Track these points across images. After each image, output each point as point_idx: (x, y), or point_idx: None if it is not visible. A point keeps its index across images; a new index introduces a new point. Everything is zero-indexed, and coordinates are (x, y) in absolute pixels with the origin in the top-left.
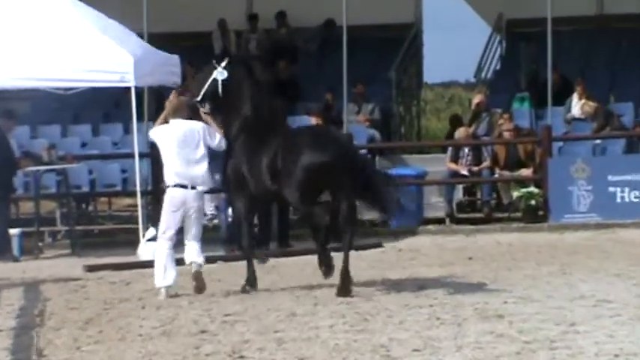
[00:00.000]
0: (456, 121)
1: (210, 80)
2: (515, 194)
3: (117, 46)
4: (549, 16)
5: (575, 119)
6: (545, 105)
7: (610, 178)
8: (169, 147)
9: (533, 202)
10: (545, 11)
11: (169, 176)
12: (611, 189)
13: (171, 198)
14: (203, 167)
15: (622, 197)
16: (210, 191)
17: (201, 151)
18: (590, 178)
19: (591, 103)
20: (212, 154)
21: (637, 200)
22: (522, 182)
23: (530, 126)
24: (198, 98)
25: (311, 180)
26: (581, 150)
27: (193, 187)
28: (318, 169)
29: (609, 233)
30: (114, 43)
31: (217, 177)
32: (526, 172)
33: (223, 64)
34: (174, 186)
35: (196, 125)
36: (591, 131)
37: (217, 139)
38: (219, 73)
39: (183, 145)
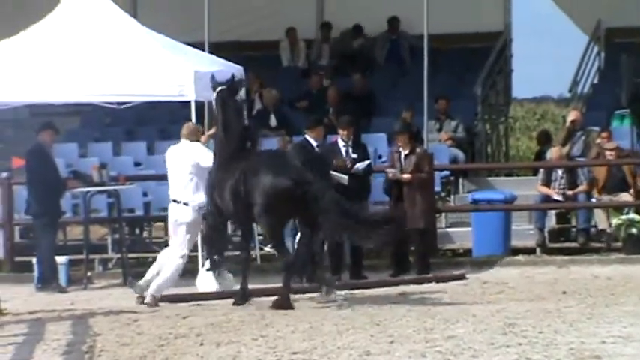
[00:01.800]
0: (544, 138)
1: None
2: (615, 222)
3: (175, 56)
4: None
5: None
6: None
7: None
8: (169, 166)
9: (634, 230)
10: None
11: (171, 192)
12: None
13: (170, 212)
14: (191, 185)
15: None
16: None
17: (189, 170)
18: None
19: None
20: None
21: None
22: (622, 208)
23: (632, 146)
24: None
25: (275, 206)
26: None
27: (186, 204)
28: (279, 195)
29: None
30: (172, 53)
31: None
32: (626, 196)
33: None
34: (172, 201)
35: (190, 147)
36: None
37: (205, 159)
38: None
39: (178, 165)
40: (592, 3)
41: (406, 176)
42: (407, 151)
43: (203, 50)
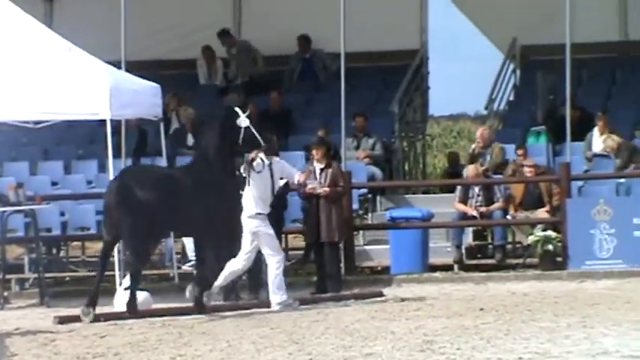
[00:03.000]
0: (454, 159)
1: None
2: (531, 238)
3: (91, 75)
4: (568, 42)
5: (596, 156)
6: (564, 140)
7: (635, 220)
8: None
9: (550, 247)
10: (564, 37)
11: None
12: (637, 233)
13: None
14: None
15: None
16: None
17: None
18: (614, 221)
19: (615, 137)
20: None
21: None
22: (539, 224)
23: (548, 163)
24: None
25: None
26: (603, 190)
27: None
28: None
29: (634, 282)
30: (88, 71)
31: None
32: (542, 213)
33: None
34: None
35: None
36: (614, 169)
37: None
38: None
39: None
40: (507, 21)
41: (324, 189)
42: (322, 165)
43: (120, 69)
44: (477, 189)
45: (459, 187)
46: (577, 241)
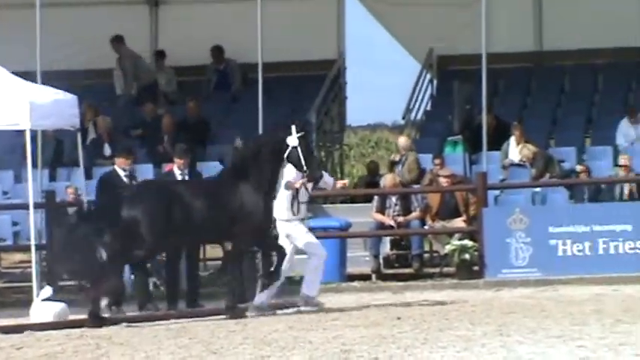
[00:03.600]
0: (374, 168)
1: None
2: (448, 248)
3: (10, 85)
4: (484, 52)
5: (512, 165)
6: (480, 150)
7: (551, 229)
8: None
9: (467, 256)
10: (480, 47)
11: None
12: (552, 242)
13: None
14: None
15: (564, 251)
16: None
17: None
18: (529, 230)
19: (530, 147)
20: None
21: (580, 254)
22: (456, 234)
23: (464, 172)
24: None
25: None
26: (519, 199)
27: None
28: None
29: (550, 290)
30: (7, 82)
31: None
32: (459, 222)
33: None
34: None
35: None
36: (530, 178)
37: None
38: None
39: None
40: (424, 31)
41: None
42: None
43: (35, 79)
44: (394, 198)
45: (376, 197)
46: (493, 250)
